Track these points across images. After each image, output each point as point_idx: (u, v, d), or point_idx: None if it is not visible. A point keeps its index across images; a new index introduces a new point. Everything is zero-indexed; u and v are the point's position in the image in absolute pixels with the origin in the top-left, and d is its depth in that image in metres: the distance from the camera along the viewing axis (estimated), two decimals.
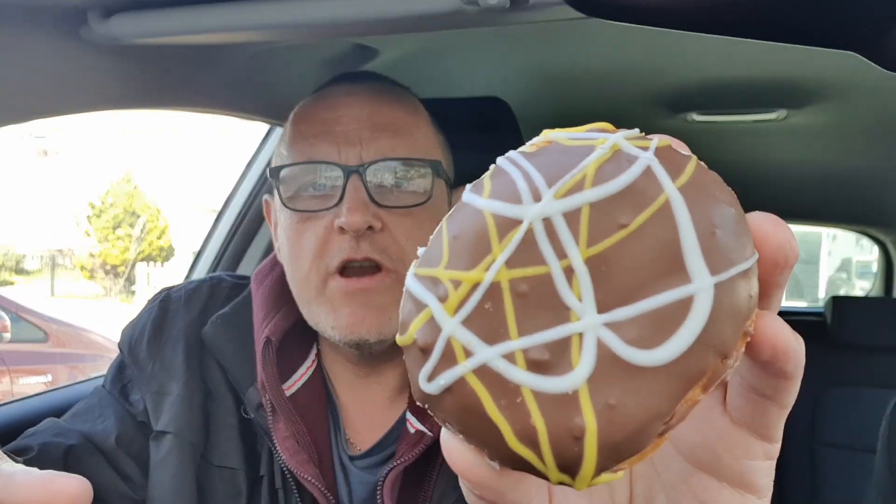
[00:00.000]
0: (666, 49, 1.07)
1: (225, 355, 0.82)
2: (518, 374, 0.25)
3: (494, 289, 0.26)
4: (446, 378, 0.26)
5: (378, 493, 0.75)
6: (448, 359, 0.26)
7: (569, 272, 0.26)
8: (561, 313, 0.25)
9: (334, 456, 0.82)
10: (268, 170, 0.82)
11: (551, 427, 0.25)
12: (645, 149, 0.27)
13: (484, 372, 0.26)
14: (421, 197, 0.77)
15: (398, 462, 0.75)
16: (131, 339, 0.86)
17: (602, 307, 0.25)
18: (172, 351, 0.84)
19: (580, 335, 0.25)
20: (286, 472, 0.76)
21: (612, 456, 0.25)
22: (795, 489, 2.16)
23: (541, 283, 0.26)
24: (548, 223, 0.26)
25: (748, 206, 0.28)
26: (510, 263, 0.26)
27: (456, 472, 0.28)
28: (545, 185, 0.26)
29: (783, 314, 0.28)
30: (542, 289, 0.26)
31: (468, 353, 0.26)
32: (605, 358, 0.25)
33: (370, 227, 0.73)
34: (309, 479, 0.75)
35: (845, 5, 0.58)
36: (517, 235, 0.26)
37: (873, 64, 0.60)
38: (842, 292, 9.79)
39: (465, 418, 0.26)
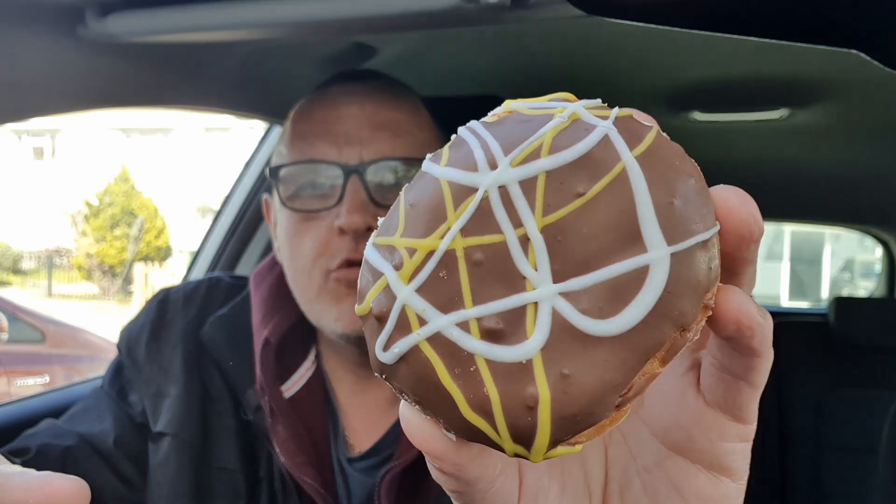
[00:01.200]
0: (667, 48, 1.06)
1: (223, 357, 0.81)
2: (472, 343, 0.25)
3: (449, 257, 0.26)
4: (401, 346, 0.26)
5: (375, 495, 0.75)
6: (402, 327, 0.26)
7: (524, 241, 0.25)
8: (516, 283, 0.25)
9: (333, 458, 0.81)
10: (267, 168, 0.81)
11: (504, 396, 0.24)
12: (605, 118, 0.26)
13: (438, 340, 0.25)
14: None
15: (395, 464, 0.74)
16: (129, 340, 0.86)
17: (558, 277, 0.25)
18: (171, 352, 0.83)
19: (535, 305, 0.25)
20: (285, 474, 0.76)
21: (566, 427, 0.25)
22: (799, 491, 2.16)
23: (496, 252, 0.25)
24: (503, 191, 0.26)
25: None
26: (465, 231, 0.26)
27: (414, 445, 0.28)
28: (502, 153, 0.26)
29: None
30: (497, 257, 0.25)
31: (422, 322, 0.26)
32: (560, 328, 0.24)
33: (369, 228, 0.73)
34: (307, 481, 0.74)
35: (848, 3, 0.57)
36: (472, 203, 0.26)
37: (876, 62, 0.59)
38: (845, 293, 9.81)
39: (420, 387, 0.26)
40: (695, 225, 0.25)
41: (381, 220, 0.28)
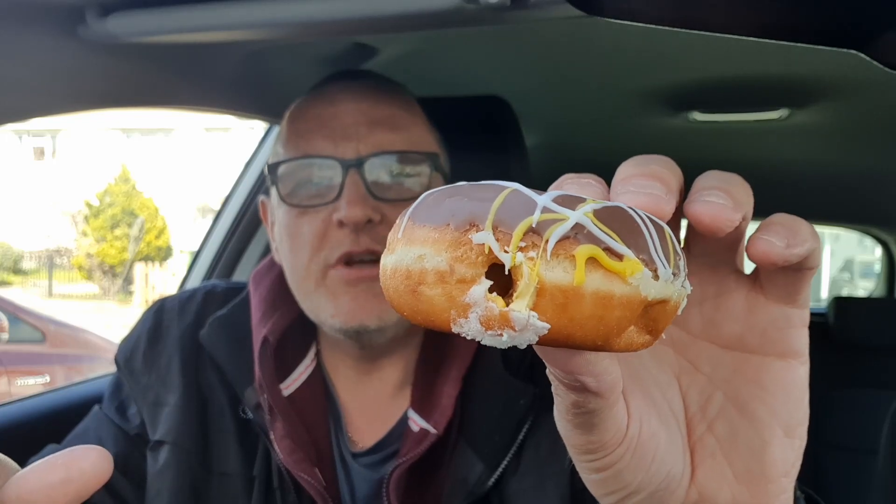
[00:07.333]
0: (667, 48, 1.07)
1: (222, 356, 0.81)
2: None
3: None
4: None
5: (384, 490, 0.75)
6: None
7: None
8: None
9: (335, 454, 0.81)
10: (265, 167, 0.82)
11: None
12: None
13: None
14: (419, 190, 0.76)
15: (403, 459, 0.74)
16: (126, 353, 0.86)
17: None
18: (168, 360, 0.84)
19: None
20: (283, 472, 0.76)
21: None
22: None
23: None
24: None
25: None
26: None
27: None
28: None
29: None
30: None
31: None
32: None
33: (369, 221, 0.73)
34: (305, 477, 0.74)
35: (848, 4, 0.58)
36: None
37: (876, 62, 0.59)
38: (844, 292, 9.83)
39: None
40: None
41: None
